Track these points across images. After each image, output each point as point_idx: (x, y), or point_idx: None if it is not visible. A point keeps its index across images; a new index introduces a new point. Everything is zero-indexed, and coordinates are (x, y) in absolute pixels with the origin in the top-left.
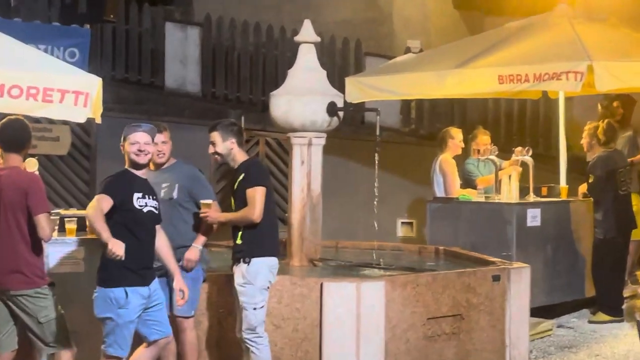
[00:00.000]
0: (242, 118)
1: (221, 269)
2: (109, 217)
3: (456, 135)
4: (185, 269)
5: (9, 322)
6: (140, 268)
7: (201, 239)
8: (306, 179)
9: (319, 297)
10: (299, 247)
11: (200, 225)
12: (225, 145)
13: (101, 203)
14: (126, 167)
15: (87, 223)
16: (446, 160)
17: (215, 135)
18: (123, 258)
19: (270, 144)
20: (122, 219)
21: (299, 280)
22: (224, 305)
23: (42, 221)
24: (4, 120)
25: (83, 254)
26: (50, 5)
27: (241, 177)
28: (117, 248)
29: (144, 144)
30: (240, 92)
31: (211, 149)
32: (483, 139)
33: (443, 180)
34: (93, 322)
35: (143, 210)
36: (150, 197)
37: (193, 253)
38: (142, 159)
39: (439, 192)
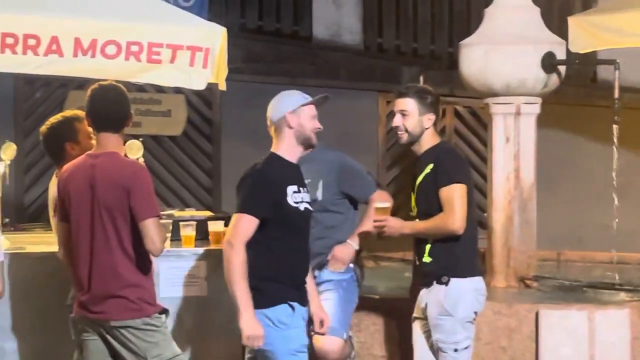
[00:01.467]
0: (421, 78)
1: (377, 290)
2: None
3: None
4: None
5: None
6: (299, 284)
7: (357, 238)
8: (513, 163)
9: (533, 331)
10: (503, 261)
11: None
12: (421, 121)
13: (243, 231)
14: (276, 150)
15: (225, 272)
16: None
17: (411, 104)
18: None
19: (461, 114)
20: (274, 224)
21: (505, 308)
22: (389, 343)
23: (151, 229)
24: (93, 88)
25: (205, 271)
26: None
27: (428, 169)
28: (256, 337)
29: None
30: (418, 42)
31: (398, 121)
32: None
33: None
34: None
35: (299, 208)
36: (304, 188)
37: (345, 251)
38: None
39: None
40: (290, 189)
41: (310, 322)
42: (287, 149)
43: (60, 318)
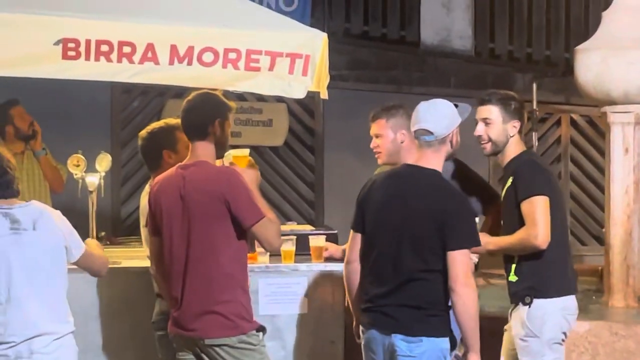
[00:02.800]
0: (534, 85)
1: (484, 309)
2: None
3: None
4: None
5: None
6: None
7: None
8: (632, 175)
9: None
10: (622, 279)
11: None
12: (505, 129)
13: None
14: (433, 166)
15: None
16: None
17: (494, 111)
18: None
19: (578, 123)
20: None
21: (624, 329)
22: None
23: (262, 231)
24: (192, 95)
25: (306, 287)
26: None
27: (509, 183)
28: None
29: None
30: (533, 47)
31: (481, 130)
32: None
33: None
34: None
35: None
36: None
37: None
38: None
39: None
40: None
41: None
42: (440, 165)
43: (151, 335)
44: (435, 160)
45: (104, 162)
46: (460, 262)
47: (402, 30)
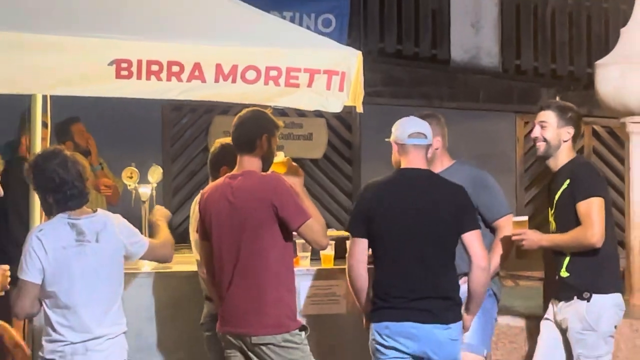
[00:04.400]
0: (557, 99)
1: (515, 309)
2: None
3: None
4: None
5: None
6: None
7: (497, 259)
8: None
9: None
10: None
11: (495, 246)
12: (559, 133)
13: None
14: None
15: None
16: None
17: (550, 116)
18: None
19: (599, 133)
20: None
21: None
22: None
23: (309, 232)
24: (243, 112)
25: (344, 289)
26: None
27: (565, 185)
28: None
29: None
30: (557, 63)
31: (537, 132)
32: None
33: None
34: None
35: None
36: None
37: (493, 264)
38: None
39: None
40: None
41: None
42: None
43: (200, 336)
44: (425, 162)
45: (155, 174)
46: (478, 240)
47: (434, 49)
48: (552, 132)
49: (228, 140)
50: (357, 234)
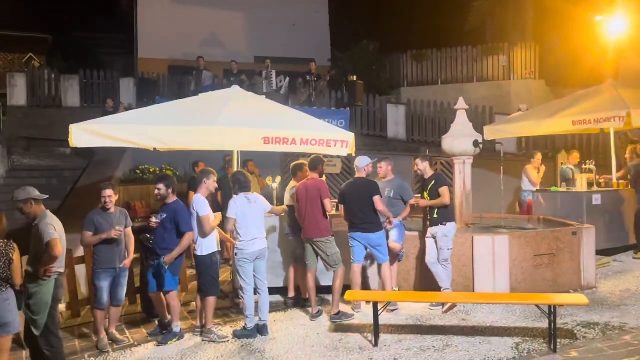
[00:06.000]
0: (427, 151)
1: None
2: None
3: (536, 156)
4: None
5: (314, 255)
6: None
7: (405, 214)
8: (463, 181)
9: (471, 244)
10: (460, 217)
11: (406, 208)
12: (424, 166)
13: None
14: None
15: None
16: (528, 168)
17: (419, 162)
18: None
19: (444, 163)
20: None
21: (461, 235)
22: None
23: (329, 201)
24: (312, 156)
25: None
26: (330, 98)
27: (433, 182)
28: None
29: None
30: (427, 136)
31: (415, 168)
32: (575, 156)
33: (528, 179)
34: None
35: None
36: None
37: (403, 214)
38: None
39: (525, 186)
40: None
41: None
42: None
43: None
44: (364, 175)
45: (278, 178)
46: (378, 199)
47: (381, 132)
48: (421, 166)
49: (302, 161)
50: (341, 202)
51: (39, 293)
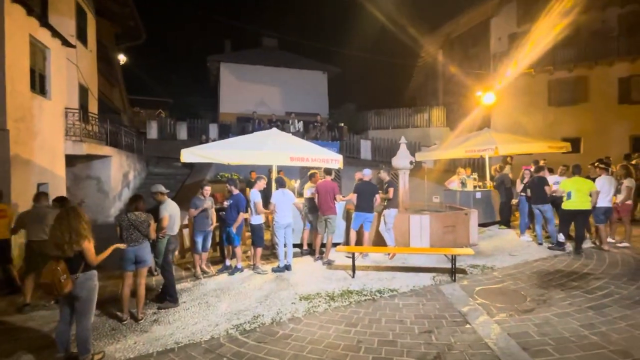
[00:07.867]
0: (384, 166)
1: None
2: None
3: (461, 171)
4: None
5: (323, 225)
6: None
7: (378, 201)
8: (404, 184)
9: (408, 220)
10: (402, 205)
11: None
12: (384, 174)
13: None
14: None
15: None
16: (450, 179)
17: (382, 172)
18: None
19: (393, 174)
20: None
21: (402, 215)
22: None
23: (337, 196)
24: (324, 168)
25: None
26: (328, 136)
27: (387, 184)
28: None
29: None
30: (384, 157)
31: (378, 175)
32: (467, 170)
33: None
34: None
35: None
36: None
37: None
38: None
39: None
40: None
41: None
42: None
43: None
44: (370, 179)
45: (291, 183)
46: (378, 196)
47: (357, 154)
48: (383, 175)
49: (314, 171)
50: (356, 192)
51: (158, 245)
